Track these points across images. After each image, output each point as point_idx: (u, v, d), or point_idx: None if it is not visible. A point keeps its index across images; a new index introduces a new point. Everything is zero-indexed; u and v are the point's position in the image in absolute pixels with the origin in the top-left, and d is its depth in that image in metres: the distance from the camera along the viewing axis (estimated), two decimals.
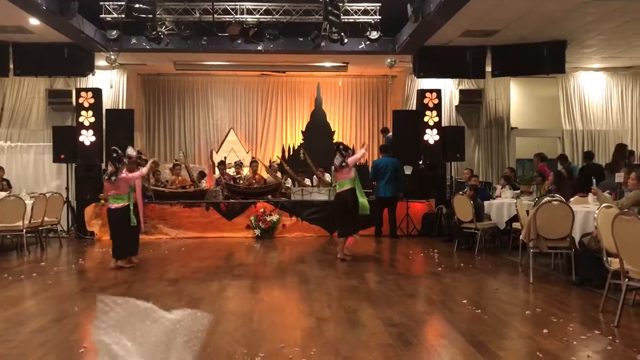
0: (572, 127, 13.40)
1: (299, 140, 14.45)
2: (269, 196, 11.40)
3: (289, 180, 12.12)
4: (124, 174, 7.56)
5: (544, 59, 10.83)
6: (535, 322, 4.91)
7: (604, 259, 5.09)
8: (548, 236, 6.57)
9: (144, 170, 8.05)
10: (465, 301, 5.65)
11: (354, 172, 8.22)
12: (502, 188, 9.66)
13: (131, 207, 7.65)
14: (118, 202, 7.56)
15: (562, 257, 7.28)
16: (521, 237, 7.01)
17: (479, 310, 5.29)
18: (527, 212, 7.04)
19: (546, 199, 6.79)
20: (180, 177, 11.58)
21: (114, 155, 7.55)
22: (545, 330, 4.57)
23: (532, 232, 6.57)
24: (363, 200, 8.21)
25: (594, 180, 7.34)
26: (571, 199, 7.42)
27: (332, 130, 14.56)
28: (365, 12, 10.21)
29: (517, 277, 7.16)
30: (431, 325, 5.09)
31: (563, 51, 10.77)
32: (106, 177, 7.56)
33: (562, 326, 4.74)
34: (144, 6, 8.88)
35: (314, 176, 12.05)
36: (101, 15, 10.07)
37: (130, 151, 7.86)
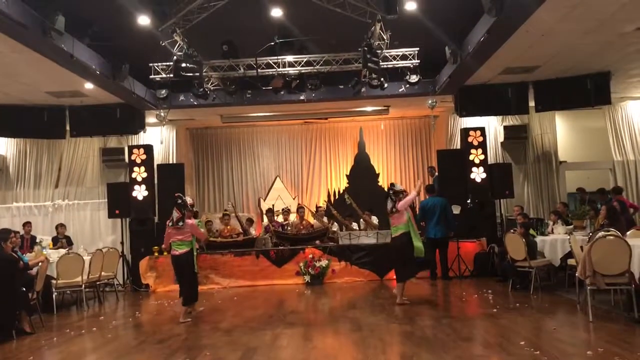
0: (623, 157, 13.09)
1: (344, 184, 14.59)
2: (317, 241, 11.45)
3: (336, 224, 12.16)
4: (191, 220, 7.76)
5: (588, 91, 10.71)
6: None
7: None
8: (605, 272, 6.38)
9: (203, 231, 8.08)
10: (522, 343, 5.52)
11: (407, 215, 8.09)
12: (553, 224, 9.46)
13: (194, 253, 7.83)
14: (182, 248, 7.69)
15: (622, 293, 7.03)
16: (577, 274, 6.84)
17: (538, 352, 5.16)
18: (582, 247, 6.87)
19: (600, 234, 6.62)
20: (229, 227, 11.80)
21: (179, 201, 7.72)
22: None
23: (588, 269, 6.39)
24: (418, 244, 8.06)
25: None
26: (627, 233, 7.22)
27: (377, 172, 14.65)
28: (404, 57, 10.35)
29: (576, 315, 6.96)
30: None
31: (607, 82, 10.64)
32: (171, 223, 7.69)
33: None
34: (191, 65, 9.31)
35: (361, 219, 12.07)
36: (151, 76, 10.61)
37: (189, 200, 8.07)
